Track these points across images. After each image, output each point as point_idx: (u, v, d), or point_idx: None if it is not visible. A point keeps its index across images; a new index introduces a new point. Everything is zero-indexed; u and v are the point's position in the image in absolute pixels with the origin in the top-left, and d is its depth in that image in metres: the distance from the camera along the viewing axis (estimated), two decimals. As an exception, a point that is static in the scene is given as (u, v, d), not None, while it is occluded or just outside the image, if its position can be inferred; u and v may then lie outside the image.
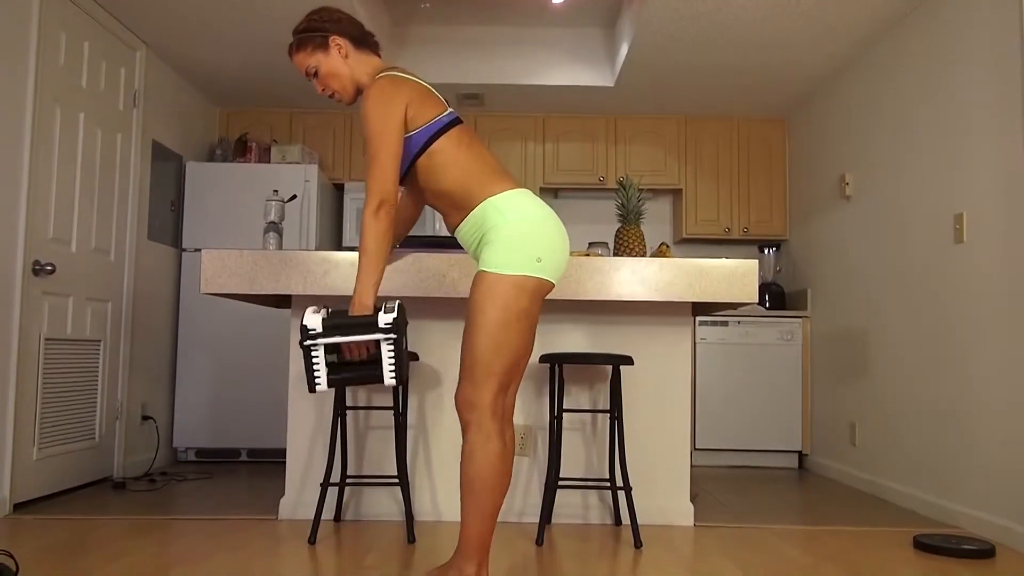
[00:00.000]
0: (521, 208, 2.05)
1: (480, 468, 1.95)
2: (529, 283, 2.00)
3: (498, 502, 1.98)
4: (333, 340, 1.93)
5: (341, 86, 2.23)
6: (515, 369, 2.01)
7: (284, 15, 3.84)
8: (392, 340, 1.93)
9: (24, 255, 3.18)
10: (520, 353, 2.01)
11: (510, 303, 1.97)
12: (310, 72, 2.22)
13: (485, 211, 2.06)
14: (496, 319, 1.96)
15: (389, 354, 1.92)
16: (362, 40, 2.25)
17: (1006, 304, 2.97)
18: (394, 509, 3.13)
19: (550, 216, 2.09)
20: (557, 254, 2.06)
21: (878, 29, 3.93)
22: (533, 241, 2.01)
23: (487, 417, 1.96)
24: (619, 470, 3.07)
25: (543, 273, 2.02)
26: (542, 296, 2.05)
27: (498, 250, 2.00)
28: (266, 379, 4.60)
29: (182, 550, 2.62)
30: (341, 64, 2.21)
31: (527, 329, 2.01)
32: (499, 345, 1.96)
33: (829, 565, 2.57)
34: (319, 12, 2.24)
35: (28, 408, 3.24)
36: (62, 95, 3.45)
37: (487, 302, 1.97)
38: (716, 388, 4.83)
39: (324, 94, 2.26)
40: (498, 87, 4.85)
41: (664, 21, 3.86)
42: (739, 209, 5.33)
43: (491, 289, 1.98)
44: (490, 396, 1.97)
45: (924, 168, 3.55)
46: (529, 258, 2.00)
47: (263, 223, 4.62)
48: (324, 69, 2.21)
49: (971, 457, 3.16)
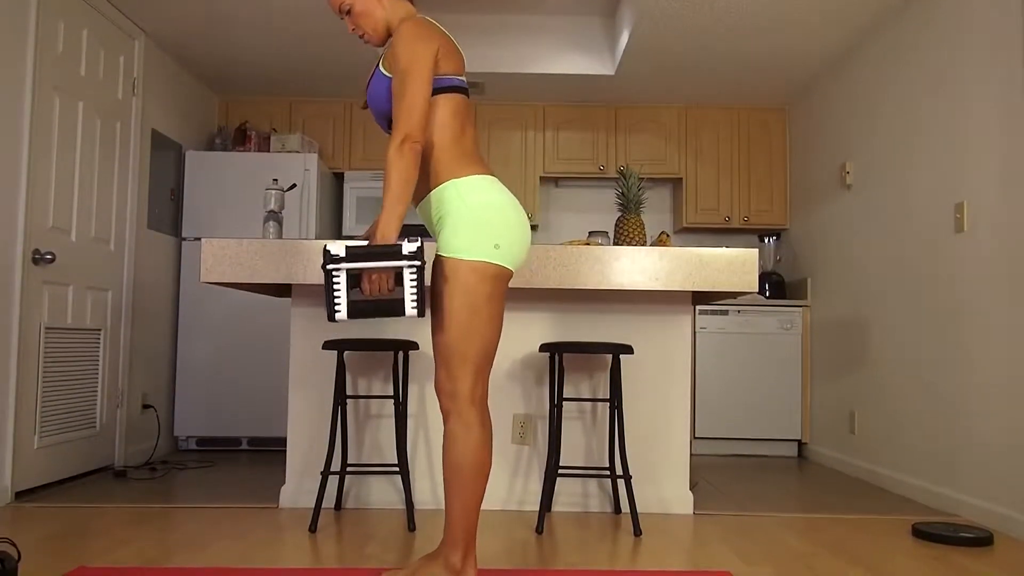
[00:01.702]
0: (482, 193, 2.03)
1: (461, 457, 1.95)
2: (488, 269, 1.98)
3: (480, 490, 1.98)
4: (356, 265, 1.88)
5: (373, 27, 2.19)
6: (488, 353, 2.01)
7: (283, 3, 3.83)
8: (416, 268, 1.88)
9: (24, 244, 3.18)
10: (490, 337, 2.00)
11: (473, 288, 1.96)
12: (343, 9, 2.18)
13: (447, 191, 2.04)
14: (462, 305, 1.95)
15: (412, 282, 1.87)
16: None
17: (1006, 293, 2.97)
18: (394, 497, 3.14)
19: (511, 204, 2.06)
20: (516, 242, 2.03)
21: (880, 18, 3.91)
22: (491, 227, 1.99)
23: (466, 405, 1.97)
24: (619, 458, 3.08)
25: (501, 260, 2.00)
26: (503, 283, 2.03)
27: (456, 233, 1.99)
28: (267, 368, 4.61)
29: (183, 538, 2.63)
30: (376, 5, 2.17)
31: (495, 314, 2.00)
32: (469, 331, 1.96)
33: (828, 553, 2.58)
34: None
35: (29, 397, 3.25)
36: (61, 84, 3.44)
37: (450, 289, 1.96)
38: (716, 377, 4.84)
39: (354, 33, 2.22)
40: (498, 75, 4.83)
41: (664, 9, 3.84)
42: (739, 198, 5.32)
43: (452, 275, 1.97)
44: (468, 383, 1.97)
45: (925, 157, 3.54)
46: (487, 244, 1.98)
47: (263, 212, 4.63)
48: (359, 7, 2.16)
49: (970, 446, 3.17)
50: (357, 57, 4.55)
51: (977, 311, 3.14)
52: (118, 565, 2.30)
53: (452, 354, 1.97)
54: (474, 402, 1.98)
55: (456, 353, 1.96)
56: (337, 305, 1.89)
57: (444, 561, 1.99)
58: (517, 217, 2.06)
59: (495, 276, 2.00)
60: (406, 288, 1.88)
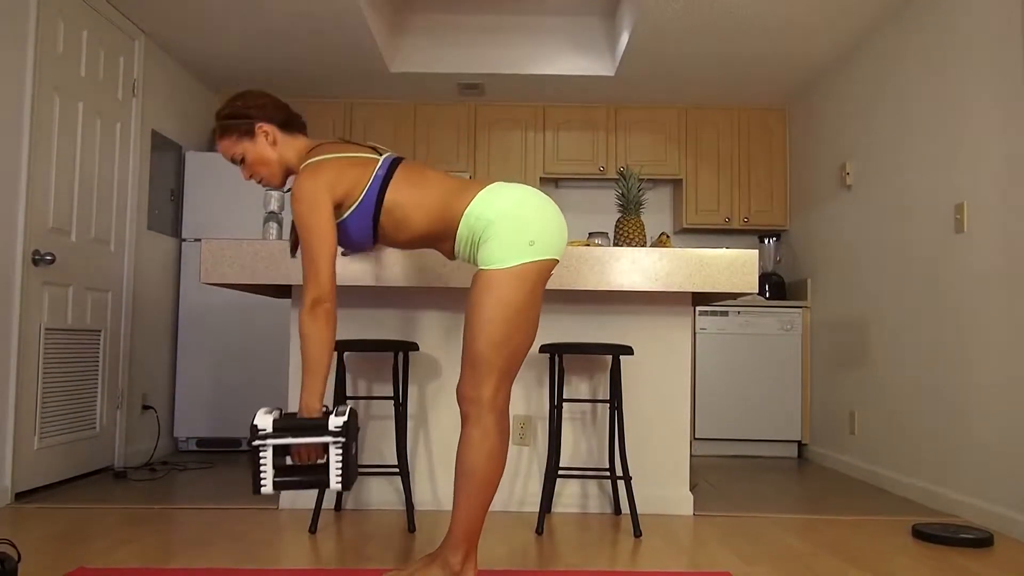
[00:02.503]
0: (497, 202, 2.02)
1: (476, 462, 1.95)
2: (529, 270, 1.98)
3: (489, 496, 1.98)
4: (282, 441, 1.90)
5: (270, 172, 2.18)
6: (516, 361, 2.01)
7: (282, 5, 3.83)
8: (341, 444, 1.90)
9: (24, 245, 3.18)
10: (520, 347, 2.00)
11: (508, 298, 1.95)
12: (236, 159, 2.17)
13: (467, 223, 2.04)
14: (495, 315, 1.95)
15: (337, 458, 1.90)
16: (288, 123, 2.20)
17: (1006, 294, 2.97)
18: (394, 498, 3.14)
19: (531, 196, 2.05)
20: (548, 229, 2.02)
21: (879, 18, 3.92)
22: (520, 227, 1.99)
23: (487, 411, 1.96)
24: (619, 459, 3.08)
25: (540, 255, 1.99)
26: (545, 278, 2.03)
27: (491, 248, 1.99)
28: (266, 368, 4.61)
29: (183, 539, 2.63)
30: (269, 151, 2.16)
31: (528, 320, 2.00)
32: (500, 341, 1.95)
33: (828, 554, 2.58)
34: (243, 97, 2.17)
35: (29, 398, 3.25)
36: (61, 84, 3.44)
37: (485, 298, 1.96)
38: (716, 378, 4.84)
39: (251, 180, 2.21)
40: (498, 76, 4.83)
41: (664, 10, 3.84)
42: (739, 199, 5.32)
43: (488, 285, 1.96)
44: (491, 391, 1.97)
45: (925, 157, 3.54)
46: (521, 245, 1.98)
47: (263, 213, 4.61)
48: (251, 156, 2.16)
49: (970, 446, 3.17)
50: (357, 59, 4.55)
51: (977, 311, 3.14)
52: (118, 566, 2.30)
53: (480, 361, 1.96)
54: (494, 409, 1.97)
55: (484, 361, 1.96)
56: (263, 479, 1.91)
57: (444, 562, 1.99)
58: (540, 206, 2.05)
59: (537, 274, 2.00)
60: (331, 462, 1.90)
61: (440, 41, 4.77)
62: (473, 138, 5.34)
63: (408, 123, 5.32)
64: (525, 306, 1.98)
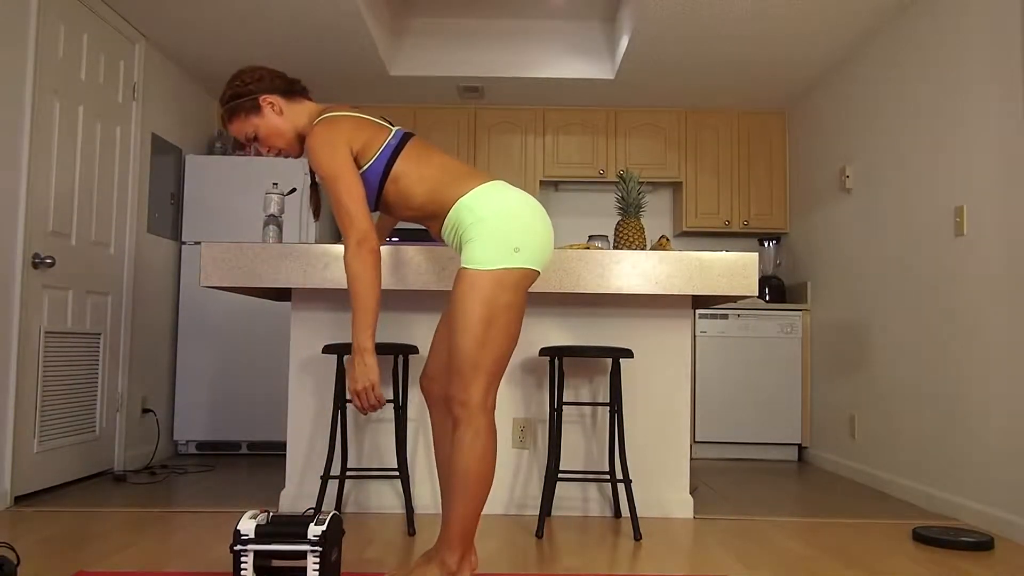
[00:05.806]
0: (492, 202, 2.02)
1: (468, 464, 1.95)
2: (510, 276, 1.98)
3: (483, 497, 1.99)
4: (263, 548, 1.97)
5: (286, 142, 2.20)
6: (501, 364, 2.01)
7: (282, 8, 3.83)
8: (318, 553, 1.96)
9: (24, 248, 3.18)
10: (505, 347, 2.00)
11: (491, 299, 1.95)
12: (250, 137, 2.18)
13: (458, 213, 2.05)
14: (479, 316, 1.95)
15: (314, 566, 1.95)
16: (290, 89, 2.21)
17: (1006, 297, 2.97)
18: (394, 501, 3.14)
19: (526, 204, 2.06)
20: (537, 241, 2.03)
21: (878, 22, 3.92)
22: (508, 232, 1.99)
23: (477, 413, 1.96)
24: (619, 463, 3.07)
25: (523, 263, 1.99)
26: (526, 286, 2.03)
27: (475, 247, 1.99)
28: (266, 372, 4.60)
29: (183, 543, 2.62)
30: (278, 120, 2.17)
31: (511, 322, 1.99)
32: (484, 342, 1.95)
33: (828, 557, 2.58)
34: (239, 76, 2.18)
35: (29, 401, 3.25)
36: (61, 88, 3.45)
37: (468, 299, 1.96)
38: (716, 381, 4.84)
39: (271, 154, 2.22)
40: (498, 80, 4.84)
41: (664, 13, 3.85)
42: (739, 202, 5.32)
43: (472, 286, 1.96)
44: (480, 393, 1.97)
45: (924, 161, 3.55)
46: (506, 250, 1.98)
47: (263, 216, 4.62)
48: (263, 131, 2.17)
49: (970, 450, 3.17)
50: (357, 62, 4.55)
51: (977, 315, 3.14)
52: (118, 569, 2.29)
53: (466, 362, 1.96)
54: (484, 410, 1.97)
55: (470, 362, 1.96)
56: None
57: (440, 562, 1.99)
58: (533, 215, 2.05)
59: (517, 281, 1.99)
60: (308, 570, 1.96)
61: (440, 44, 4.78)
62: (473, 141, 5.35)
63: (408, 126, 5.33)
64: (508, 309, 1.98)
